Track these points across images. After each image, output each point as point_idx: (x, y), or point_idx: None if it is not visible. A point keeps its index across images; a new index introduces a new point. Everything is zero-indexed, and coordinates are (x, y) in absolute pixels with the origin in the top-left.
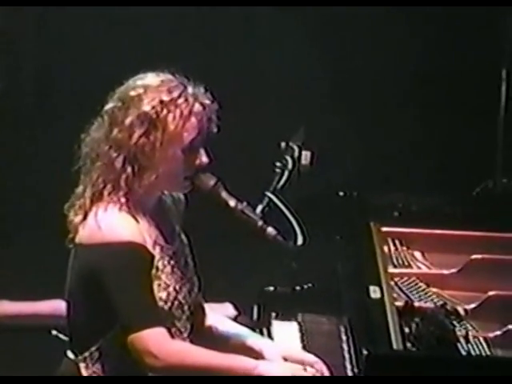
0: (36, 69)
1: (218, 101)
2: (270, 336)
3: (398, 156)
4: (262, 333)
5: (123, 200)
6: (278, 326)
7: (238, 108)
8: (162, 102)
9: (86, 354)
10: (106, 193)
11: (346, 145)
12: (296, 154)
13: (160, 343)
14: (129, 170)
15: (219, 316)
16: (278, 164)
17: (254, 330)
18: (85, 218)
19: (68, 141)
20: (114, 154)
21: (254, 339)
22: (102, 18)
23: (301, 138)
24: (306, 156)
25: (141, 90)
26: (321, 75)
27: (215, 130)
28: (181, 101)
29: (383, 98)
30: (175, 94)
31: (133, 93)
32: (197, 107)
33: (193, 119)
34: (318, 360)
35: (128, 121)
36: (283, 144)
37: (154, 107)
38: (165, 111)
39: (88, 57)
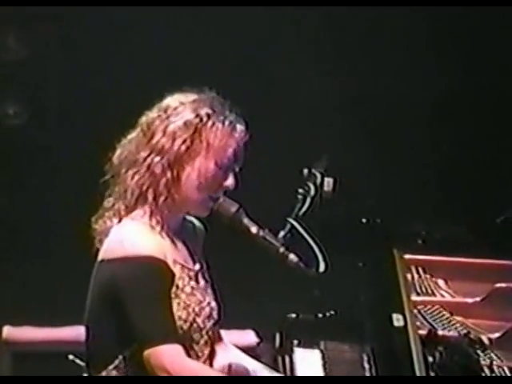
0: (58, 98)
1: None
2: (291, 363)
3: (420, 184)
4: (283, 360)
5: (149, 214)
6: (300, 353)
7: (261, 134)
8: (206, 113)
9: (104, 373)
10: (141, 201)
11: (369, 172)
12: (318, 180)
13: (174, 360)
14: (169, 174)
15: (236, 352)
16: (301, 190)
17: (275, 357)
18: (119, 222)
19: (92, 169)
20: (156, 159)
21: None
22: (125, 43)
23: (323, 164)
24: (328, 183)
25: (184, 100)
26: (344, 102)
27: (241, 161)
28: (223, 117)
29: (405, 125)
30: (217, 109)
31: (175, 103)
32: (239, 128)
33: (235, 137)
34: None
35: (171, 127)
36: (306, 170)
37: (198, 115)
38: (210, 122)
39: (112, 86)
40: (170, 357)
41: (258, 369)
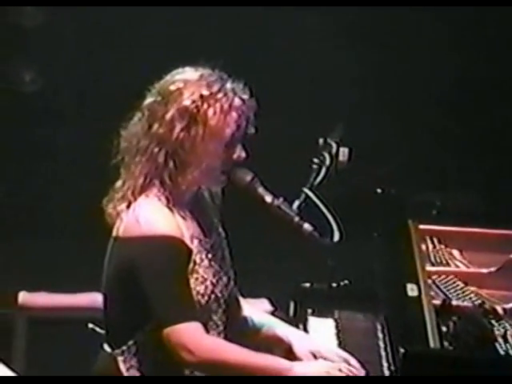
0: (73, 67)
1: (257, 97)
2: (305, 332)
3: (437, 155)
4: (297, 329)
5: (162, 194)
6: (314, 322)
7: (276, 104)
8: (202, 96)
9: (124, 347)
10: (148, 187)
11: (384, 142)
12: (334, 150)
13: (196, 338)
14: (171, 164)
15: (253, 308)
16: (316, 160)
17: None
18: (127, 208)
19: (104, 137)
20: (156, 149)
21: (285, 331)
22: (136, 18)
23: (339, 134)
24: (343, 152)
25: (180, 85)
26: (362, 72)
27: (252, 130)
28: (220, 95)
29: (422, 97)
30: (215, 89)
31: (172, 87)
32: (237, 101)
33: (233, 113)
34: (350, 356)
35: (168, 116)
36: (321, 140)
37: (194, 101)
38: (205, 106)
39: (125, 55)
40: (189, 334)
41: (276, 324)
